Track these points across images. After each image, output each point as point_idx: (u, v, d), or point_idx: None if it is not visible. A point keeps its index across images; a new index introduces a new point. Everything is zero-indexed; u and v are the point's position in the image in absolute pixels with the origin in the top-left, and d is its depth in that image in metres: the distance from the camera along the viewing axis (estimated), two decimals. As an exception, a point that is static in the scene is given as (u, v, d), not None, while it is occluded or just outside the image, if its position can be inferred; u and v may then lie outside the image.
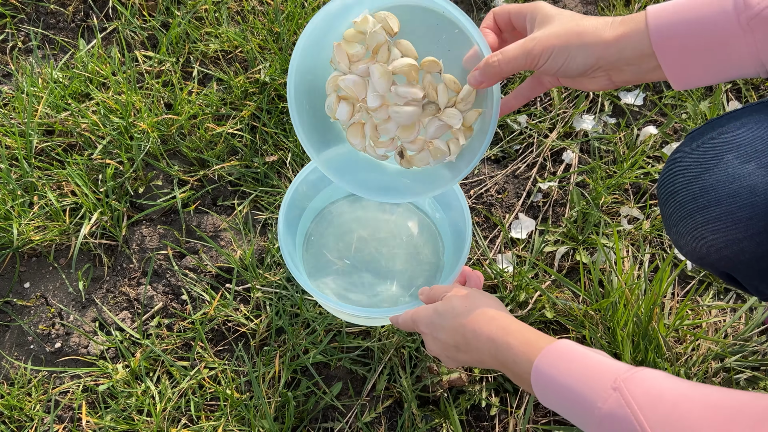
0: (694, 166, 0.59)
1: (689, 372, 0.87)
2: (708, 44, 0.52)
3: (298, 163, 1.06)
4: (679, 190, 0.60)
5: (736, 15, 0.50)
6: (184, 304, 0.97)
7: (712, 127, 0.59)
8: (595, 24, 0.57)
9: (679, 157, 0.61)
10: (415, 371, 0.90)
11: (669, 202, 0.61)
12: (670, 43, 0.53)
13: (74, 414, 0.88)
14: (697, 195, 0.57)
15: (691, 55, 0.53)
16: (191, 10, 1.18)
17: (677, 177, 0.60)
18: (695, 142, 0.60)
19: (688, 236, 0.59)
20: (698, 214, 0.57)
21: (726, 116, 0.59)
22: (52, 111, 1.06)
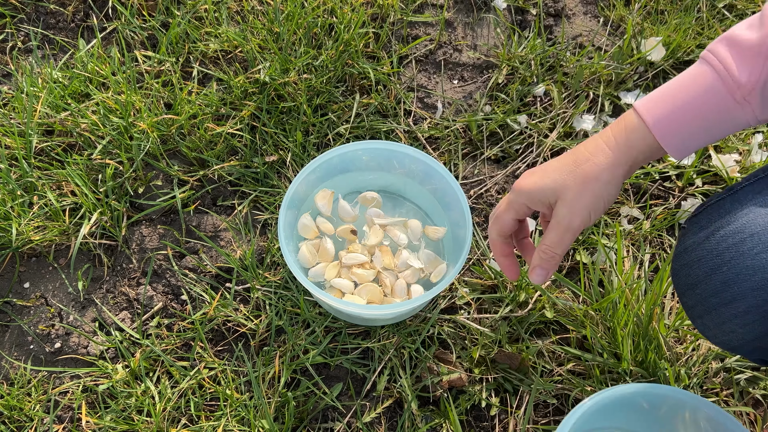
0: (709, 257, 0.59)
1: (689, 372, 0.87)
2: (708, 123, 0.55)
3: (298, 163, 1.06)
4: (697, 282, 0.60)
5: (731, 94, 0.53)
6: (183, 304, 0.97)
7: (718, 213, 0.60)
8: (598, 165, 0.59)
9: (690, 247, 0.62)
10: (415, 371, 0.90)
11: (688, 294, 0.62)
12: (672, 131, 0.56)
13: (74, 414, 0.88)
14: (719, 289, 0.57)
15: (692, 135, 0.56)
16: (191, 10, 1.18)
17: (692, 269, 0.61)
18: (703, 231, 0.60)
19: (716, 330, 0.59)
20: (724, 309, 0.57)
21: (728, 198, 0.60)
22: (52, 111, 1.06)
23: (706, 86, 0.54)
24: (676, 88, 0.56)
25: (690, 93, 0.55)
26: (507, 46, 1.20)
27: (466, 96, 1.18)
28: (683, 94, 0.55)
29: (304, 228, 0.92)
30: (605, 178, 0.59)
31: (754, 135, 1.10)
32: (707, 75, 0.54)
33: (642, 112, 0.57)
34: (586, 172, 0.59)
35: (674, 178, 1.09)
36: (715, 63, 0.54)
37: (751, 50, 0.52)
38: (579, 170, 0.60)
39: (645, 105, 0.58)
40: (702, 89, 0.54)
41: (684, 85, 0.56)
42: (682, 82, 0.56)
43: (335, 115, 1.10)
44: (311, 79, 1.10)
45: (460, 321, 0.94)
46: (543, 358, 0.92)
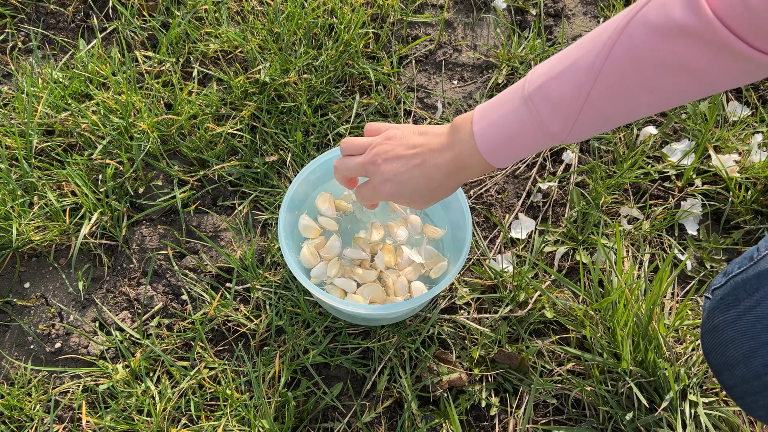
0: (744, 339, 0.61)
1: (689, 372, 0.87)
2: (528, 150, 0.63)
3: (298, 163, 1.06)
4: (735, 364, 0.62)
5: (547, 137, 0.61)
6: (184, 304, 0.97)
7: (744, 290, 0.61)
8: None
9: (720, 326, 0.64)
10: (415, 371, 0.90)
11: (726, 374, 0.64)
12: (497, 157, 0.64)
13: (74, 414, 0.88)
14: (761, 372, 0.59)
15: (513, 158, 0.65)
16: (191, 10, 1.18)
17: (728, 349, 0.63)
18: (733, 309, 0.62)
19: (762, 411, 0.61)
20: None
21: (751, 269, 0.62)
22: (52, 111, 1.06)
23: (528, 130, 0.61)
24: (504, 125, 0.62)
25: (514, 131, 0.62)
26: (507, 46, 1.20)
27: (466, 96, 1.18)
28: (511, 133, 0.62)
29: (306, 228, 0.92)
30: (446, 183, 0.70)
31: (754, 135, 1.10)
32: (528, 121, 0.60)
33: (488, 159, 0.65)
34: (427, 164, 0.70)
35: (674, 179, 1.09)
36: (533, 113, 0.60)
37: (563, 109, 0.58)
38: (421, 159, 0.70)
39: (480, 135, 0.64)
40: (525, 131, 0.61)
41: (510, 124, 0.62)
42: (508, 120, 0.62)
43: (335, 115, 1.11)
44: (311, 79, 1.10)
45: (460, 321, 0.94)
46: (543, 358, 0.92)
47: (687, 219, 1.06)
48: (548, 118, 0.59)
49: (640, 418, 0.85)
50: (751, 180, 1.06)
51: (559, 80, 0.58)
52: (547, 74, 0.59)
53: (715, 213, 1.07)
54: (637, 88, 0.55)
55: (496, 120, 0.63)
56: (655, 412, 0.85)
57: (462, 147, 0.66)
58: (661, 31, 0.50)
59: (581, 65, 0.56)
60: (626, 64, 0.53)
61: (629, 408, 0.86)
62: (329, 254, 0.90)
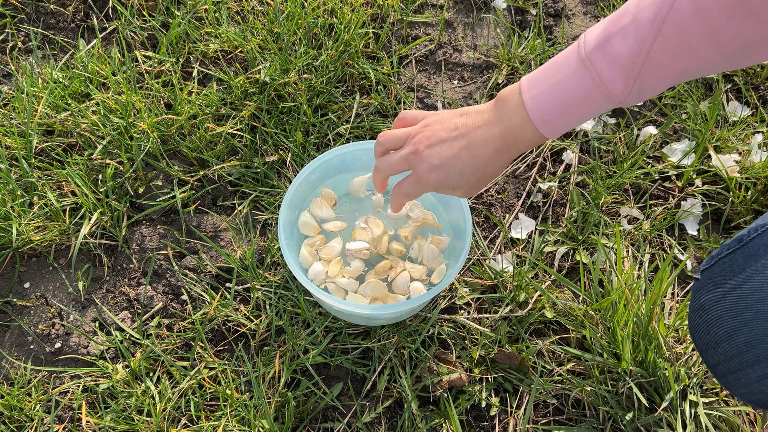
0: (728, 317, 0.60)
1: (689, 372, 0.87)
2: (584, 116, 0.61)
3: (298, 163, 1.06)
4: (719, 341, 0.62)
5: (606, 99, 0.58)
6: (184, 304, 0.97)
7: (731, 269, 0.61)
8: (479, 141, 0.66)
9: (706, 305, 0.64)
10: (415, 371, 0.90)
11: (710, 352, 0.64)
12: (552, 126, 0.62)
13: (74, 414, 0.88)
14: (743, 350, 0.59)
15: (569, 124, 0.62)
16: (191, 10, 1.18)
17: (712, 327, 0.63)
18: (719, 288, 0.62)
19: (743, 389, 0.61)
20: (750, 370, 0.59)
21: (740, 251, 0.61)
22: (52, 111, 1.06)
23: (586, 93, 0.58)
24: (559, 91, 0.59)
25: (570, 96, 0.59)
26: (507, 46, 1.20)
27: (466, 96, 1.18)
28: (569, 100, 0.59)
29: (305, 225, 0.92)
30: (497, 163, 0.67)
31: (754, 135, 1.10)
32: (588, 83, 0.58)
33: (542, 130, 0.62)
34: (477, 153, 0.67)
35: (674, 178, 1.09)
36: (593, 74, 0.57)
37: (625, 66, 0.55)
38: (470, 147, 0.67)
39: (534, 105, 0.61)
40: (584, 95, 0.58)
41: (566, 89, 0.59)
42: (564, 85, 0.59)
43: (335, 115, 1.11)
44: (311, 79, 1.10)
45: (460, 321, 0.94)
46: (543, 358, 0.92)
47: (687, 219, 1.06)
48: (609, 78, 0.56)
49: (640, 418, 0.85)
50: (752, 180, 1.06)
51: (618, 38, 0.55)
52: (605, 32, 0.56)
53: (715, 213, 1.07)
54: (702, 40, 0.52)
55: (549, 87, 0.60)
56: (655, 412, 0.85)
57: (512, 119, 0.63)
58: None
59: (642, 19, 0.54)
60: (690, 15, 0.51)
61: (629, 408, 0.86)
62: (329, 255, 0.90)
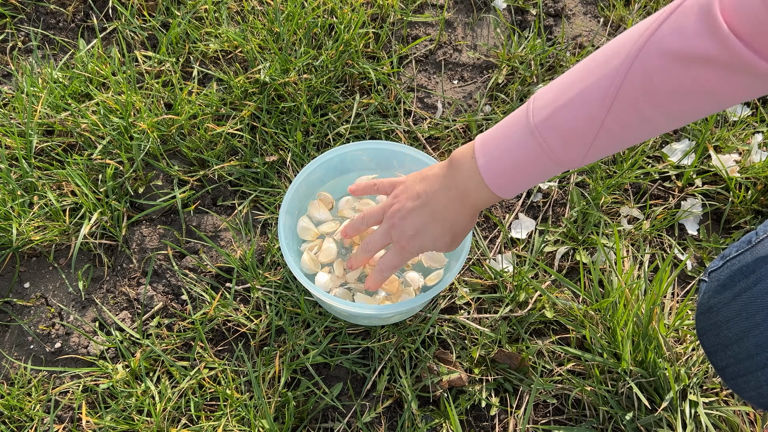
0: (738, 320, 0.60)
1: (689, 372, 0.87)
2: (536, 179, 0.62)
3: (298, 163, 1.06)
4: (728, 344, 0.62)
5: (557, 165, 0.59)
6: (184, 304, 0.97)
7: (741, 272, 0.61)
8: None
9: (715, 307, 0.63)
10: (415, 371, 0.90)
11: (719, 354, 0.64)
12: (505, 188, 0.63)
13: (74, 414, 0.88)
14: (753, 353, 0.59)
15: (522, 187, 0.63)
16: (191, 10, 1.18)
17: (721, 330, 0.63)
18: (728, 290, 0.62)
19: (753, 392, 0.61)
20: (760, 373, 0.59)
21: (748, 253, 0.61)
22: (52, 111, 1.06)
23: (539, 162, 0.60)
24: (511, 158, 0.61)
25: (522, 163, 0.60)
26: (507, 46, 1.20)
27: (466, 96, 1.18)
28: (520, 166, 0.61)
29: (304, 231, 0.92)
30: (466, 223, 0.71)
31: (754, 135, 1.10)
32: (539, 154, 0.59)
33: (494, 190, 0.64)
34: (446, 217, 0.71)
35: (674, 178, 1.09)
36: (544, 147, 0.58)
37: (576, 139, 0.56)
38: (440, 217, 0.71)
39: (486, 170, 0.63)
40: (535, 164, 0.60)
41: (518, 158, 0.60)
42: (515, 153, 0.61)
43: (335, 115, 1.11)
44: (311, 79, 1.10)
45: (460, 321, 0.94)
46: (543, 358, 0.92)
47: (687, 219, 1.06)
48: (559, 149, 0.58)
49: (640, 418, 0.85)
50: (752, 180, 1.06)
51: (568, 111, 0.56)
52: (553, 104, 0.57)
53: (715, 213, 1.07)
54: (653, 114, 0.53)
55: (501, 154, 0.62)
56: (655, 412, 0.85)
57: (466, 183, 0.65)
58: (678, 59, 0.49)
59: (592, 95, 0.54)
60: (641, 93, 0.52)
61: (629, 408, 0.86)
62: (328, 257, 0.90)
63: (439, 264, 0.90)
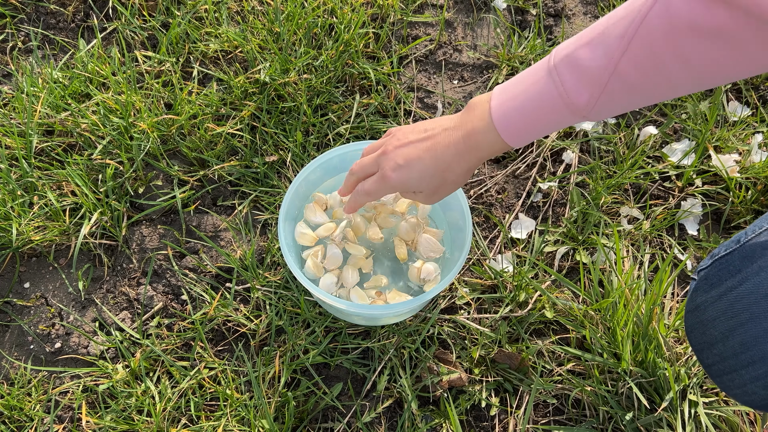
0: (724, 318, 0.60)
1: (689, 372, 0.87)
2: (548, 127, 0.61)
3: (298, 163, 1.06)
4: (714, 342, 0.62)
5: (569, 111, 0.58)
6: (184, 304, 0.97)
7: (728, 270, 0.61)
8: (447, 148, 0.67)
9: (702, 305, 0.64)
10: (415, 371, 0.90)
11: (705, 352, 0.64)
12: (515, 134, 0.62)
13: (74, 414, 0.88)
14: (738, 351, 0.59)
15: (532, 135, 0.62)
16: (191, 10, 1.18)
17: (708, 328, 0.63)
18: (715, 289, 0.62)
19: (738, 390, 0.61)
20: (744, 371, 0.59)
21: (737, 252, 0.61)
22: (52, 111, 1.06)
23: (550, 103, 0.58)
24: (524, 98, 0.60)
25: (535, 105, 0.59)
26: (507, 46, 1.20)
27: (466, 96, 1.18)
28: (531, 107, 0.59)
29: (303, 237, 0.91)
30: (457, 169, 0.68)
31: (754, 135, 1.10)
32: (552, 92, 0.58)
33: (501, 133, 0.62)
34: (439, 157, 0.68)
35: (674, 178, 1.09)
36: (558, 83, 0.57)
37: (591, 78, 0.55)
38: (432, 153, 0.68)
39: (498, 110, 0.61)
40: (547, 104, 0.58)
41: (531, 98, 0.59)
42: (529, 93, 0.59)
43: (335, 115, 1.11)
44: (311, 79, 1.10)
45: (460, 321, 0.94)
46: (543, 358, 0.92)
47: (687, 219, 1.06)
48: (573, 88, 0.56)
49: (640, 418, 0.85)
50: (752, 180, 1.06)
51: (587, 48, 0.55)
52: (575, 44, 0.56)
53: (715, 213, 1.07)
54: (670, 60, 0.51)
55: (515, 94, 0.60)
56: (655, 412, 0.85)
57: (476, 123, 0.63)
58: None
59: (612, 32, 0.53)
60: (660, 32, 0.50)
61: (629, 408, 0.86)
62: (334, 264, 0.90)
63: (436, 253, 0.90)
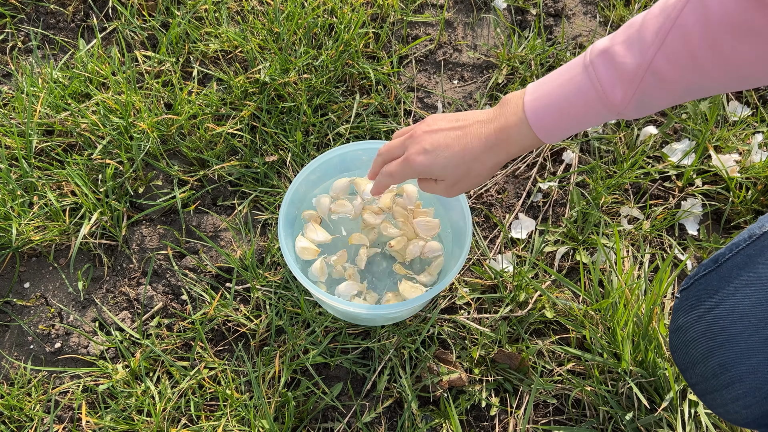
0: (703, 339, 0.61)
1: (689, 372, 0.87)
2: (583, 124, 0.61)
3: (298, 163, 1.06)
4: (696, 362, 0.63)
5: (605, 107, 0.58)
6: (184, 304, 0.97)
7: (706, 291, 0.62)
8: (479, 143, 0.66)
9: (684, 326, 0.65)
10: (415, 371, 0.90)
11: (689, 372, 0.65)
12: (550, 131, 0.62)
13: (74, 414, 0.88)
14: (717, 372, 0.60)
15: (567, 131, 0.62)
16: (191, 10, 1.18)
17: (689, 348, 0.64)
18: (695, 310, 0.63)
19: (721, 409, 0.62)
20: (725, 391, 0.60)
21: (714, 273, 0.62)
22: (52, 111, 1.06)
23: (585, 99, 0.58)
24: (559, 93, 0.60)
25: (570, 100, 0.59)
26: (507, 46, 1.20)
27: (466, 96, 1.18)
28: (566, 103, 0.59)
29: (304, 251, 0.90)
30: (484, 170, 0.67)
31: (755, 135, 1.10)
32: (587, 88, 0.58)
33: (535, 128, 0.62)
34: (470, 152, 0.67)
35: (674, 178, 1.09)
36: (593, 79, 0.57)
37: (626, 74, 0.55)
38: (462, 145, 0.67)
39: (532, 105, 0.61)
40: (582, 100, 0.58)
41: (566, 93, 0.59)
42: (565, 89, 0.59)
43: (335, 115, 1.11)
44: (311, 79, 1.10)
45: (460, 321, 0.94)
46: (543, 358, 0.92)
47: (687, 219, 1.06)
48: (609, 84, 0.56)
49: (640, 418, 0.85)
50: (752, 180, 1.06)
51: (623, 45, 0.55)
52: (611, 40, 0.56)
53: (715, 213, 1.07)
54: (706, 56, 0.51)
55: (550, 89, 0.60)
56: (655, 412, 0.85)
57: (509, 118, 0.63)
58: None
59: (648, 29, 0.53)
60: (696, 27, 0.50)
61: (629, 408, 0.86)
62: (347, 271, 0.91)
63: (434, 230, 0.90)
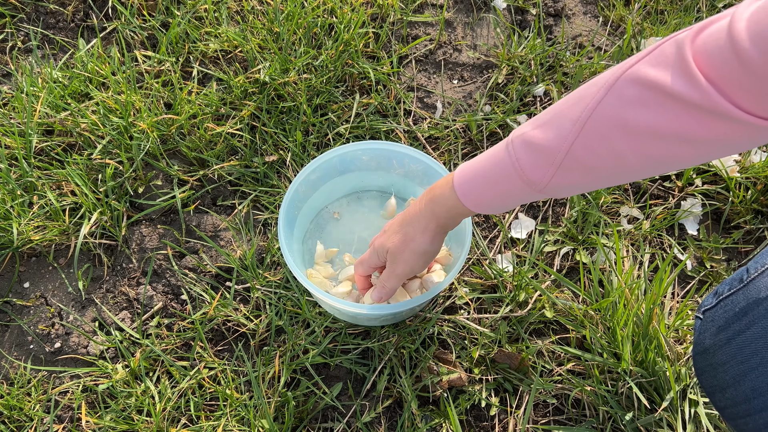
0: (734, 363, 0.61)
1: (690, 372, 0.87)
2: (511, 202, 0.65)
3: (298, 163, 1.06)
4: (726, 387, 0.62)
5: (528, 186, 0.61)
6: (183, 304, 0.97)
7: (734, 313, 0.62)
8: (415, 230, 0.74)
9: (711, 348, 0.64)
10: (415, 371, 0.90)
11: (718, 395, 0.64)
12: (481, 206, 0.66)
13: (74, 414, 0.88)
14: (750, 396, 0.59)
15: (498, 208, 0.67)
16: (191, 9, 1.18)
17: (718, 372, 0.63)
18: (723, 332, 0.62)
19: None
20: (758, 416, 0.59)
21: (741, 292, 0.62)
22: (52, 111, 1.06)
23: (506, 175, 0.61)
24: (484, 167, 0.64)
25: (493, 174, 0.63)
26: (507, 46, 1.20)
27: (466, 96, 1.18)
28: (489, 174, 0.63)
29: (322, 284, 0.92)
30: (419, 239, 0.73)
31: (754, 135, 1.10)
32: (507, 166, 0.61)
33: (459, 195, 0.67)
34: (407, 233, 0.74)
35: (674, 178, 1.09)
36: (513, 159, 0.60)
37: (544, 156, 0.58)
38: (402, 231, 0.75)
39: (461, 188, 0.66)
40: (503, 176, 0.62)
41: (490, 167, 0.63)
42: (488, 163, 0.64)
43: (335, 115, 1.10)
44: (311, 79, 1.10)
45: (460, 321, 0.94)
46: (543, 357, 0.92)
47: (687, 219, 1.06)
48: (527, 163, 0.59)
49: (640, 418, 0.85)
50: (751, 180, 1.06)
51: (540, 129, 0.58)
52: (532, 124, 0.60)
53: (715, 213, 1.07)
54: (622, 146, 0.53)
55: (477, 163, 0.65)
56: (655, 412, 0.85)
57: (439, 188, 0.69)
58: (654, 89, 0.49)
59: (567, 116, 0.56)
60: (612, 120, 0.52)
61: (629, 408, 0.86)
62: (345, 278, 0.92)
63: (434, 282, 0.90)
